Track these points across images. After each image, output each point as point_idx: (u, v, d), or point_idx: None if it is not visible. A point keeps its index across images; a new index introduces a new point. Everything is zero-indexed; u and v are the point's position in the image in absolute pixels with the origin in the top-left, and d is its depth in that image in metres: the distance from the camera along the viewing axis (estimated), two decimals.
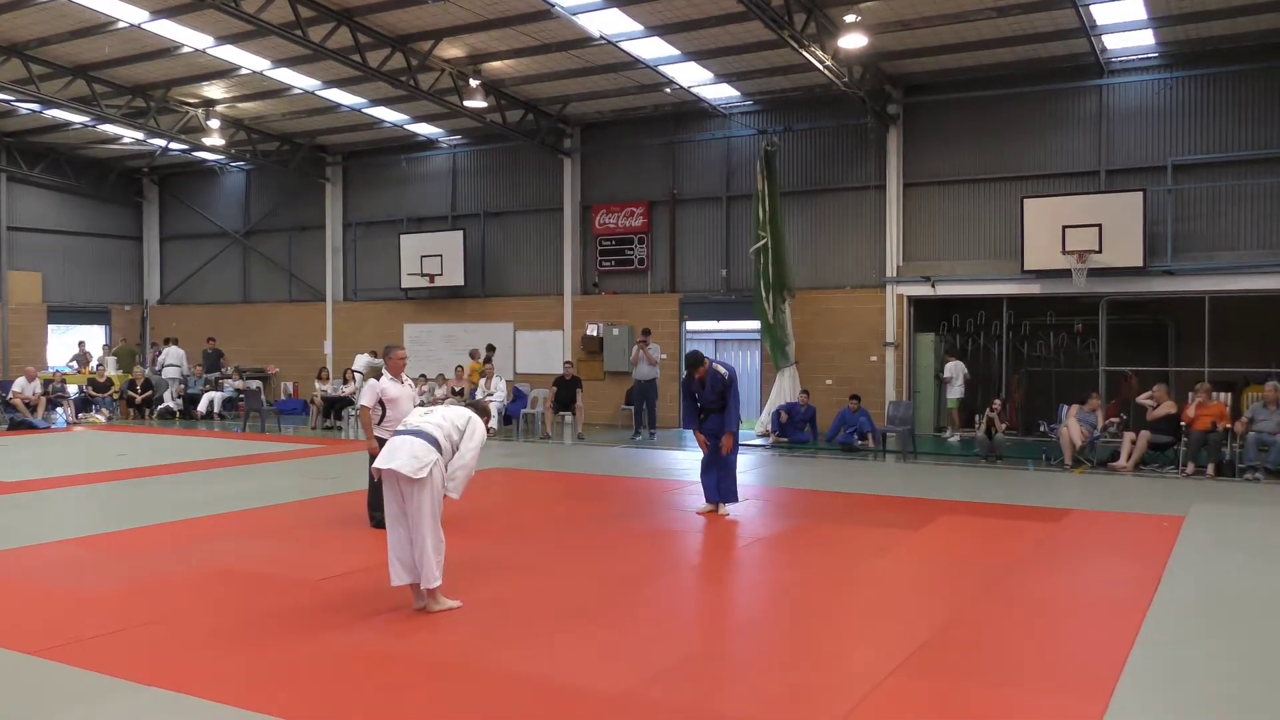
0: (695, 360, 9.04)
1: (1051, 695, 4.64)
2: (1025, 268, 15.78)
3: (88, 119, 19.82)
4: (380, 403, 8.41)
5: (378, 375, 8.60)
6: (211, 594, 6.40)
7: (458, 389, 18.22)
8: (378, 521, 8.39)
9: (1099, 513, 9.65)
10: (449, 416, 6.01)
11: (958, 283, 16.81)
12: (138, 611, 5.93)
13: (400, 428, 6.08)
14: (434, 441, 5.87)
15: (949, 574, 7.11)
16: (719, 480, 9.23)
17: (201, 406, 20.58)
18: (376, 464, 5.92)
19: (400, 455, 5.79)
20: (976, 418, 14.71)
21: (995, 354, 17.58)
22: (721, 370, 9.02)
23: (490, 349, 19.16)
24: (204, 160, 23.79)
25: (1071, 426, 13.30)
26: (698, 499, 9.74)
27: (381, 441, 8.36)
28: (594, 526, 8.83)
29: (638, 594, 6.52)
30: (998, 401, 14.48)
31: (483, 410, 6.35)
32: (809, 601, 6.36)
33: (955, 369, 16.79)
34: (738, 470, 9.38)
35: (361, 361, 21.28)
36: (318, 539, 8.14)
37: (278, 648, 5.28)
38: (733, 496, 9.26)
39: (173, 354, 22.11)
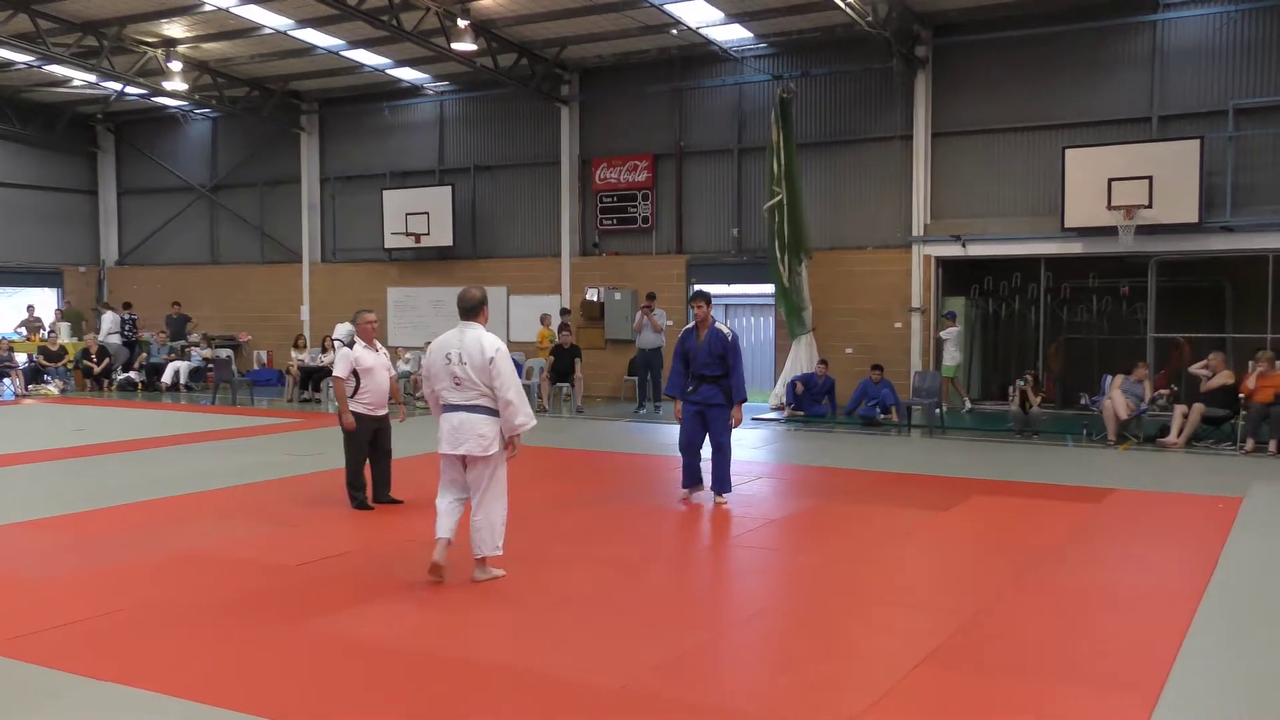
0: (701, 296, 8.69)
1: (1092, 692, 4.63)
2: (1066, 225, 15.69)
3: (32, 59, 19.62)
4: (355, 373, 8.40)
5: (352, 344, 8.60)
6: (179, 581, 6.41)
7: None
8: (359, 502, 8.43)
9: (1146, 493, 9.64)
10: (477, 372, 6.17)
11: (991, 242, 16.72)
12: (98, 601, 5.94)
13: (451, 402, 6.27)
14: (489, 411, 6.22)
15: (979, 559, 7.11)
16: (714, 465, 8.82)
17: (166, 377, 20.61)
18: (441, 449, 6.27)
19: (467, 438, 6.20)
20: (1009, 390, 14.68)
21: (1031, 320, 17.53)
22: (724, 329, 8.69)
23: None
24: (165, 107, 23.66)
25: (1116, 399, 13.27)
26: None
27: (357, 415, 8.38)
28: (593, 507, 8.83)
29: (639, 581, 6.53)
30: (1030, 374, 14.43)
31: None
32: (825, 588, 6.37)
33: (951, 333, 16.71)
34: (734, 450, 8.89)
35: (342, 330, 21.24)
36: (295, 521, 8.15)
37: (253, 639, 5.29)
38: (727, 484, 8.85)
39: (107, 320, 21.96)
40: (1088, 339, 17.69)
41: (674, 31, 17.44)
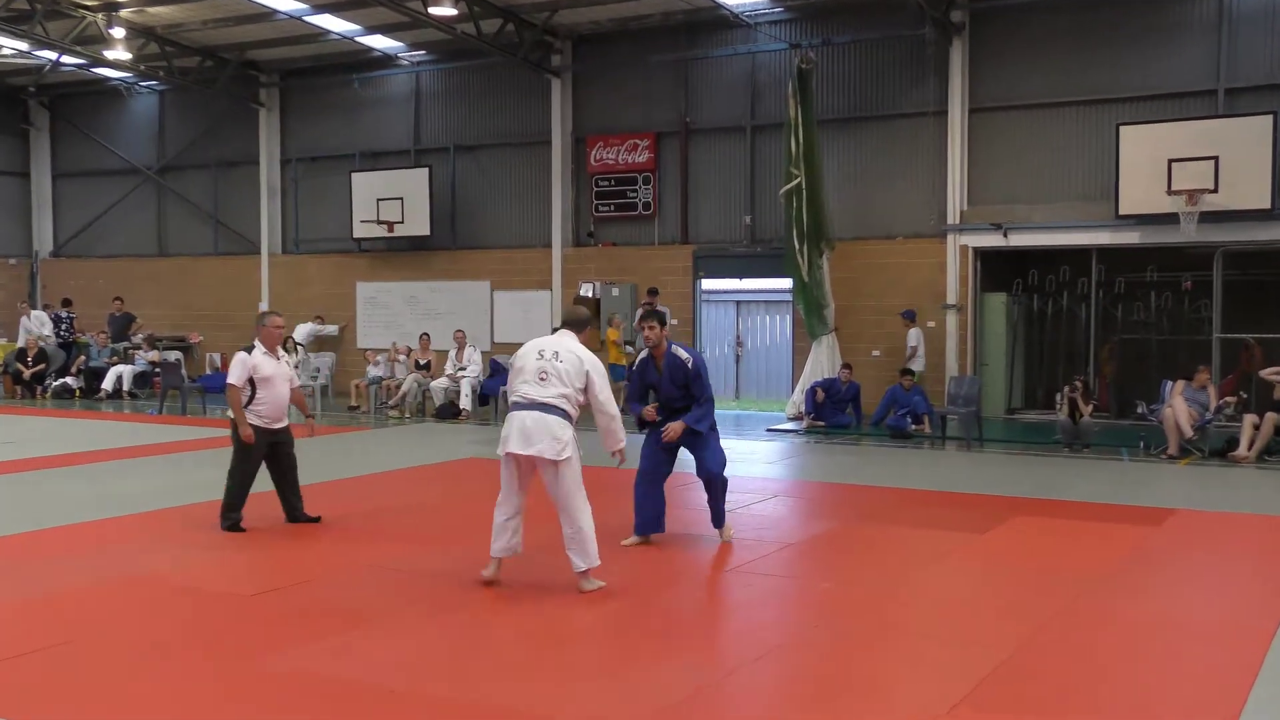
0: (652, 317, 7.94)
1: None
2: (1120, 212, 15.70)
3: None
4: (251, 381, 8.40)
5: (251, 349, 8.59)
6: (124, 610, 6.41)
7: (422, 362, 18.25)
8: (233, 523, 8.37)
9: (1211, 514, 9.64)
10: (565, 374, 6.62)
11: (1036, 231, 16.74)
12: (35, 633, 5.93)
13: (519, 399, 6.61)
14: (564, 414, 6.58)
15: (1023, 587, 7.11)
16: (711, 504, 8.20)
17: (107, 383, 20.59)
18: (511, 449, 6.54)
19: (539, 438, 6.50)
20: (1057, 397, 14.69)
21: (1081, 319, 17.53)
22: (682, 354, 7.94)
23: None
24: (107, 79, 23.70)
25: (1177, 407, 13.27)
26: None
27: (256, 429, 8.35)
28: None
29: (638, 612, 6.53)
30: (1080, 380, 14.42)
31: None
32: (848, 621, 6.37)
33: (916, 336, 16.74)
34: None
35: (304, 330, 21.32)
36: (251, 545, 8.16)
37: (207, 673, 5.29)
38: (722, 516, 8.26)
39: (32, 322, 21.83)
40: (1145, 340, 17.70)
41: None
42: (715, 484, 8.15)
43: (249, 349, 8.71)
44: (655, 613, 6.57)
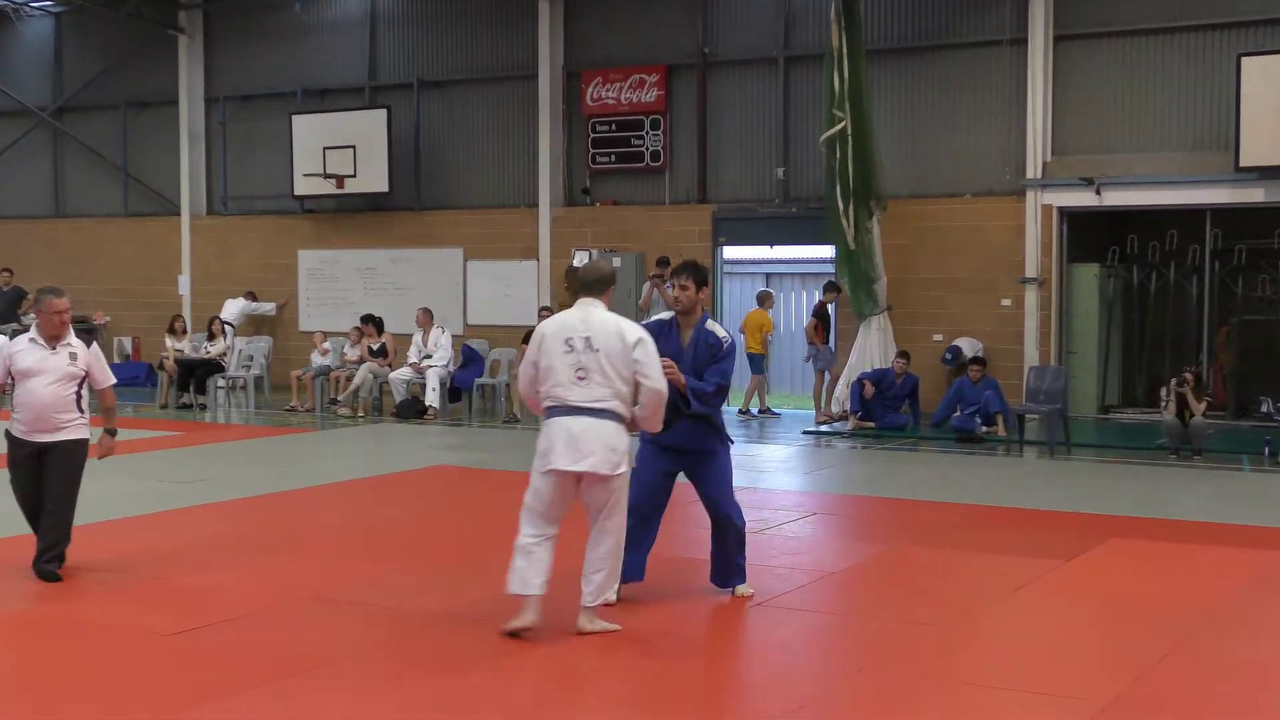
0: (692, 271, 7.37)
1: None
2: (1241, 164, 15.64)
3: None
4: (10, 375, 7.90)
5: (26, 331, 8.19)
6: (16, 651, 6.43)
7: (374, 348, 18.11)
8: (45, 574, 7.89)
9: None
10: (607, 363, 6.49)
11: (1136, 187, 16.67)
12: None
13: (554, 404, 6.54)
14: (618, 418, 6.54)
15: (1119, 627, 7.09)
16: (715, 552, 7.59)
17: None
18: (557, 464, 6.46)
19: (593, 450, 6.44)
20: (1162, 392, 14.65)
21: (1192, 296, 17.48)
22: (720, 332, 7.44)
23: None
24: None
25: None
26: None
27: (10, 440, 7.92)
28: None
29: (641, 657, 6.54)
30: (1192, 371, 14.36)
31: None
32: (902, 667, 6.36)
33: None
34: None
35: (235, 308, 21.29)
36: (171, 572, 8.16)
37: None
38: (740, 572, 7.64)
39: None
40: (1272, 322, 17.64)
41: None
42: (730, 525, 7.48)
43: (22, 333, 8.33)
44: (655, 656, 6.57)
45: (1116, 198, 16.83)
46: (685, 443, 7.32)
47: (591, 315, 6.63)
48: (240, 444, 15.07)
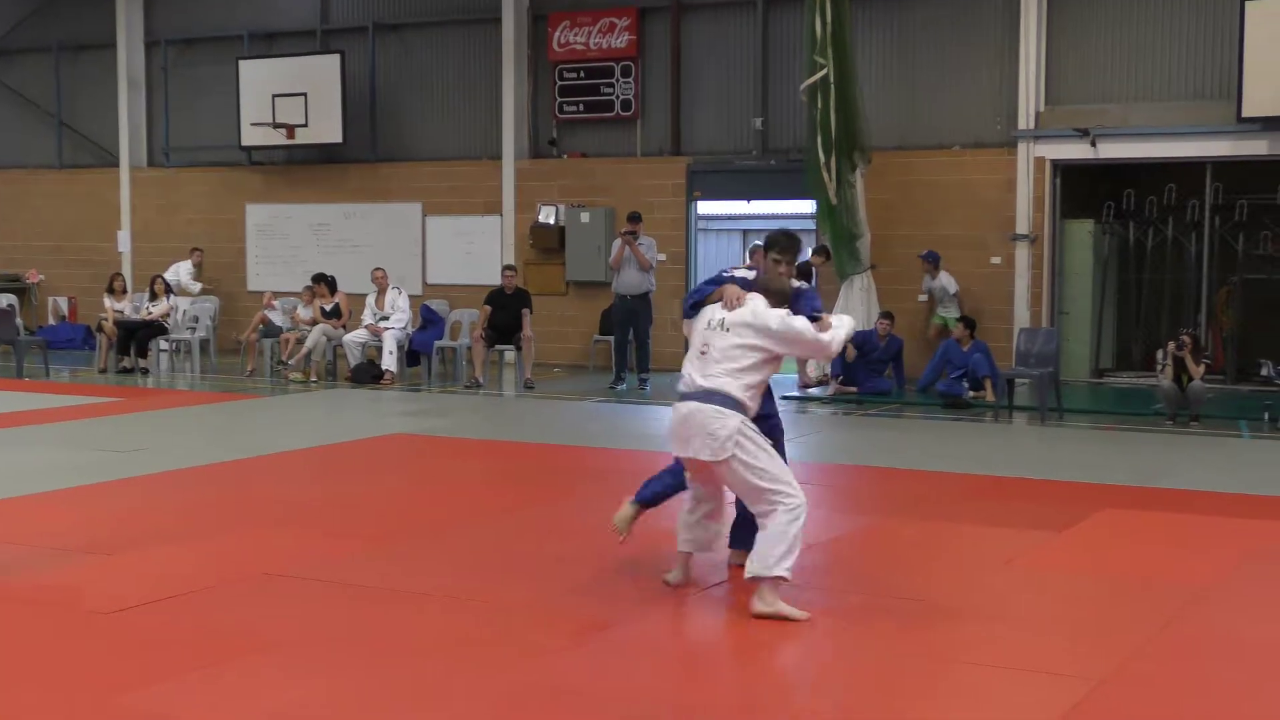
0: (789, 245, 7.28)
1: None
2: (1244, 114, 15.69)
3: None
4: None
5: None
6: None
7: (327, 308, 17.99)
8: None
9: None
10: (729, 345, 6.70)
11: (1133, 139, 16.72)
12: None
13: (686, 380, 6.78)
14: (726, 400, 6.62)
15: (1113, 601, 7.14)
16: (742, 507, 7.30)
17: None
18: (673, 448, 6.81)
19: (694, 434, 6.63)
20: (1159, 355, 14.70)
21: (1191, 254, 17.53)
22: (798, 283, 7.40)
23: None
24: None
25: None
26: None
27: None
28: (545, 530, 8.82)
29: (609, 639, 6.53)
30: (1189, 333, 14.41)
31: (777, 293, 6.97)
32: (890, 644, 6.37)
33: (947, 281, 16.97)
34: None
35: (182, 269, 21.16)
36: (110, 547, 8.11)
37: (43, 713, 5.27)
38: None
39: None
40: (1273, 281, 17.72)
41: None
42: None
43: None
44: (622, 639, 6.57)
45: (1112, 150, 16.88)
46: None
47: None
48: (184, 411, 14.99)
